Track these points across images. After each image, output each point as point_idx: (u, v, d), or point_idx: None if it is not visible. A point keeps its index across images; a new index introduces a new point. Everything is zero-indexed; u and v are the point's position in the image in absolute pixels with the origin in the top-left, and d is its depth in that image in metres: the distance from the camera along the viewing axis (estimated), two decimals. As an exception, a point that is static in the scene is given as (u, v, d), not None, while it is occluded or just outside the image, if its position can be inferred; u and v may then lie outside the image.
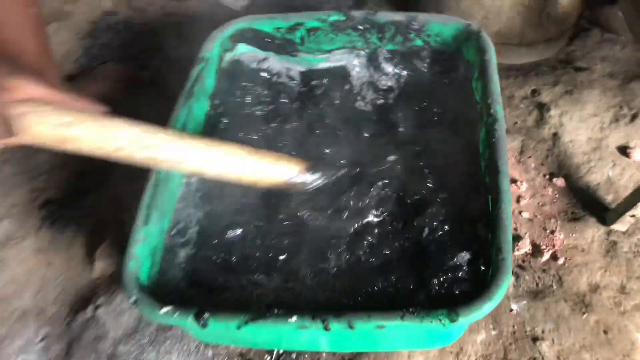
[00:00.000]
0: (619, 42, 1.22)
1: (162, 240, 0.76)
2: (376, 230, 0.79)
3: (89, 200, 1.01)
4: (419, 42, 1.00)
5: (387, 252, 0.76)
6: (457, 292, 0.71)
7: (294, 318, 0.62)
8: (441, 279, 0.72)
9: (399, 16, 0.98)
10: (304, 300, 0.70)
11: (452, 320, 0.63)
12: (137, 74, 1.19)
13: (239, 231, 0.79)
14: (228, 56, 0.99)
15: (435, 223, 0.77)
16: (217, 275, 0.74)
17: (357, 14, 0.98)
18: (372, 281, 0.73)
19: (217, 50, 0.95)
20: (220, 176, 0.69)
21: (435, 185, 0.82)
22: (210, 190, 0.83)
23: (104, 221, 0.97)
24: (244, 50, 1.00)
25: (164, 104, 1.09)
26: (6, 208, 1.01)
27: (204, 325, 0.63)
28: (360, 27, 0.99)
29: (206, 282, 0.75)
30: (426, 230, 0.77)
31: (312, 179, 0.77)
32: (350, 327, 0.62)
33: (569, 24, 1.18)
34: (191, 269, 0.76)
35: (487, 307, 0.64)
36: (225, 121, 0.91)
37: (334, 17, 0.98)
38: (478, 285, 0.70)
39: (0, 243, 0.96)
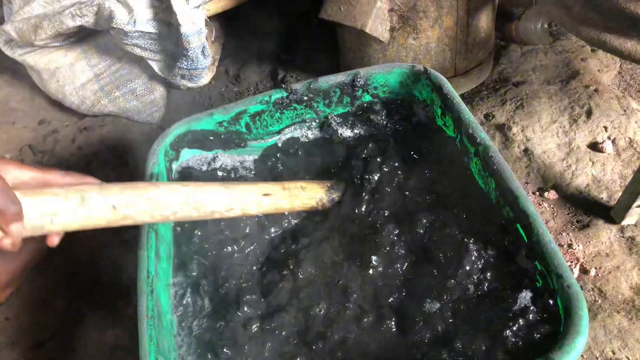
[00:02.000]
0: (540, 51, 1.25)
1: None
2: (415, 303, 0.67)
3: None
4: (368, 98, 0.95)
5: (437, 320, 0.65)
6: (537, 336, 0.60)
7: None
8: (514, 328, 0.61)
9: (340, 77, 0.92)
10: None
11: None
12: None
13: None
14: (175, 165, 0.87)
15: (475, 272, 0.68)
16: None
17: (298, 86, 0.91)
18: (436, 356, 0.61)
19: (163, 162, 0.82)
20: (261, 213, 0.77)
21: (458, 234, 0.74)
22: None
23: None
24: (189, 155, 0.89)
25: (109, 235, 0.95)
26: None
27: None
28: (305, 98, 0.92)
29: None
30: (471, 284, 0.67)
31: (333, 197, 0.83)
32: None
33: (492, 45, 1.19)
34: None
35: (580, 343, 0.56)
36: (199, 233, 0.78)
37: (276, 95, 0.91)
38: (552, 323, 0.61)
39: None
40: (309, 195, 0.80)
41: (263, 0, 1.31)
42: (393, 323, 0.67)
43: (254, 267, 0.79)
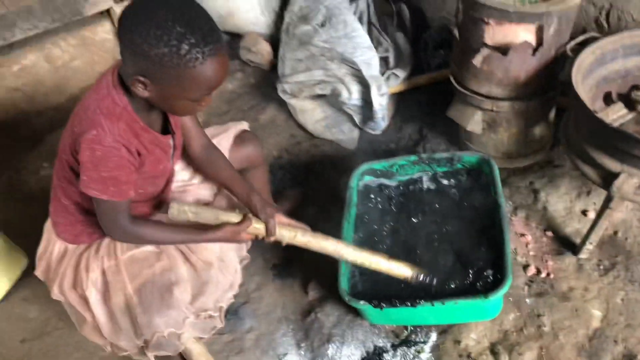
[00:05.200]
0: (581, 147, 2.04)
1: (348, 275, 1.65)
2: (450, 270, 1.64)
3: (295, 264, 1.94)
4: (459, 166, 1.89)
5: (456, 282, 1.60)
6: (489, 287, 1.54)
7: (421, 302, 1.48)
8: (480, 283, 1.55)
9: (447, 154, 1.88)
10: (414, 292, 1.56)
11: (486, 297, 1.46)
12: (306, 195, 2.14)
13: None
14: (360, 183, 1.91)
15: (475, 263, 1.62)
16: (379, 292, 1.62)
17: (424, 155, 1.89)
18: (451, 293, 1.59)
19: (356, 181, 1.87)
20: (364, 265, 1.50)
21: (475, 241, 1.68)
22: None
23: (308, 272, 1.89)
24: (367, 179, 1.93)
25: (327, 212, 2.02)
26: (254, 270, 1.94)
27: (381, 308, 1.50)
28: (427, 161, 1.90)
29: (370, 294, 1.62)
30: (471, 269, 1.61)
31: (416, 278, 1.52)
32: (442, 304, 1.47)
33: (545, 141, 2.04)
34: (360, 287, 1.65)
35: (503, 290, 1.47)
36: (366, 217, 1.82)
37: (413, 158, 1.89)
38: (497, 282, 1.53)
39: (257, 288, 1.89)
40: (399, 270, 1.51)
41: (418, 88, 2.28)
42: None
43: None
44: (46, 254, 1.49)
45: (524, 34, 1.68)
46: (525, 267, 1.77)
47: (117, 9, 3.20)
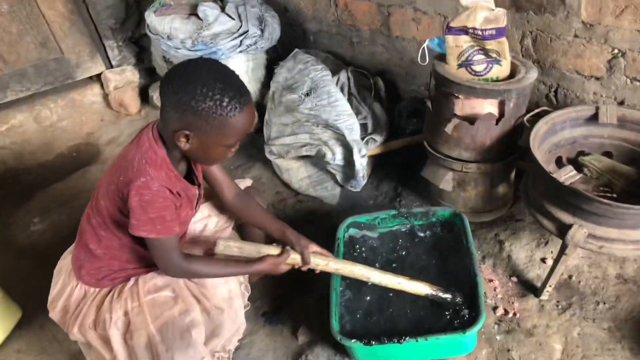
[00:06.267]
0: (537, 204, 2.33)
1: (338, 317, 1.82)
2: (430, 312, 1.84)
3: (285, 310, 2.08)
4: (434, 219, 2.12)
5: (436, 320, 1.80)
6: (466, 324, 1.73)
7: (407, 339, 1.66)
8: (457, 321, 1.75)
9: (423, 209, 2.12)
10: (398, 331, 1.74)
11: (464, 333, 1.66)
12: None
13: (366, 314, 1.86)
14: (346, 235, 2.11)
15: (452, 297, 1.82)
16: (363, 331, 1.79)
17: (403, 210, 2.12)
18: (431, 330, 1.77)
19: (342, 233, 2.07)
20: (388, 285, 1.76)
21: (450, 285, 1.88)
22: (350, 304, 1.92)
23: (297, 318, 2.03)
24: (352, 231, 2.13)
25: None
26: (246, 317, 2.05)
27: (371, 345, 1.66)
28: (406, 215, 2.13)
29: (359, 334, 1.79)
30: (450, 309, 1.82)
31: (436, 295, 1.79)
32: (426, 340, 1.66)
33: (508, 198, 2.31)
34: (349, 328, 1.81)
35: (477, 327, 1.67)
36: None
37: (393, 212, 2.12)
38: (471, 320, 1.73)
39: (248, 334, 2.02)
40: (420, 289, 1.77)
41: (393, 151, 2.55)
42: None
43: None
44: (63, 297, 1.59)
45: (489, 106, 1.97)
46: (495, 308, 1.98)
47: (110, 75, 3.42)
